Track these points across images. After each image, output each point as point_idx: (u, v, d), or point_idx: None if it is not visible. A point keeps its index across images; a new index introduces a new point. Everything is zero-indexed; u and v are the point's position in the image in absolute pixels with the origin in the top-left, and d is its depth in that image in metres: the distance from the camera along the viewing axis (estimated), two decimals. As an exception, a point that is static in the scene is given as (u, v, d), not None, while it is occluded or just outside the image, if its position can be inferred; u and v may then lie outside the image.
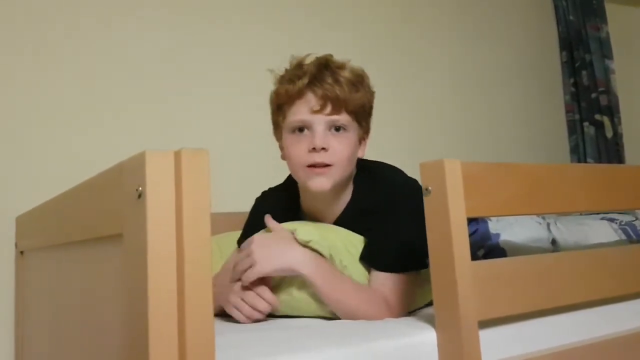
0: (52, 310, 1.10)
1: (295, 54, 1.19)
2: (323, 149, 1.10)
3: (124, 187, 0.67)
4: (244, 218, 1.33)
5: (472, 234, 1.26)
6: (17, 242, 1.49)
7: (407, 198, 1.13)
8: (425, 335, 0.85)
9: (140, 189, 0.62)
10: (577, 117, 2.77)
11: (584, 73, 2.75)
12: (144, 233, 0.61)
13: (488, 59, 2.60)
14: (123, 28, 1.77)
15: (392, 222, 1.11)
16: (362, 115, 1.18)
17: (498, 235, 1.34)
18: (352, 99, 1.13)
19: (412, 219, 1.04)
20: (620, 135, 2.73)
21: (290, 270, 1.05)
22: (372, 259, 1.11)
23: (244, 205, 1.39)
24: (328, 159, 1.11)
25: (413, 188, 1.14)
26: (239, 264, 1.07)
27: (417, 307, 1.17)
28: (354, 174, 1.21)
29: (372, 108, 1.21)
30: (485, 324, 0.86)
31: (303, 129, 1.13)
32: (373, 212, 1.13)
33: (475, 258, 0.85)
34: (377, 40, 2.28)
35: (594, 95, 2.72)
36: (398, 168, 1.25)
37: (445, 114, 2.41)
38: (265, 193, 1.36)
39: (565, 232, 1.35)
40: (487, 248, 1.33)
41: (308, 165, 1.12)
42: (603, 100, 2.71)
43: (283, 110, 1.16)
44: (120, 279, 0.69)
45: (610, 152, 2.70)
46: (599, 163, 2.67)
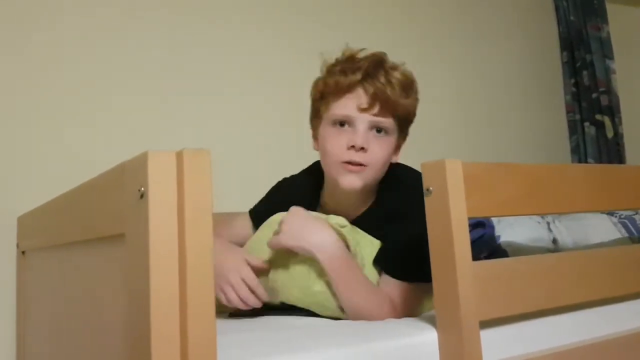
0: (53, 311, 1.10)
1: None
2: (362, 149, 1.09)
3: (126, 187, 0.67)
4: (242, 218, 1.33)
5: (478, 239, 1.26)
6: (18, 242, 1.49)
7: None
8: (426, 336, 0.85)
9: (142, 189, 0.62)
10: (577, 117, 2.77)
11: (585, 73, 2.75)
12: (146, 233, 0.61)
13: (488, 59, 2.60)
14: (123, 28, 1.77)
15: (410, 230, 1.06)
16: (405, 122, 1.17)
17: (499, 237, 1.34)
18: (400, 104, 1.12)
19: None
20: (621, 136, 2.73)
21: (310, 253, 1.05)
22: (386, 264, 1.10)
23: (246, 205, 1.40)
24: (365, 160, 1.10)
25: None
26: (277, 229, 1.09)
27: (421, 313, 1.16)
28: (381, 179, 1.19)
29: (415, 115, 1.19)
30: (486, 324, 0.86)
31: (344, 124, 1.12)
32: (393, 218, 1.11)
33: (477, 259, 0.85)
34: (377, 41, 2.27)
35: (595, 96, 2.72)
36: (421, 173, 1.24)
37: (446, 114, 2.41)
38: (287, 180, 1.35)
39: (564, 231, 1.35)
40: (489, 250, 1.33)
41: (343, 162, 1.10)
42: (604, 101, 2.70)
43: (327, 101, 1.14)
44: (122, 279, 0.69)
45: (611, 152, 2.70)
46: (600, 163, 2.66)
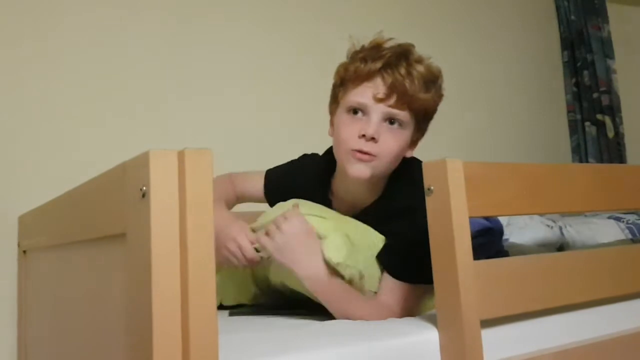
0: (54, 310, 1.10)
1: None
2: (373, 139, 1.08)
3: (128, 186, 0.67)
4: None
5: (485, 244, 1.24)
6: (19, 241, 1.49)
7: None
8: (428, 335, 0.85)
9: (144, 189, 0.62)
10: (578, 117, 2.77)
11: (586, 73, 2.75)
12: (148, 232, 0.61)
13: (489, 59, 2.59)
14: (124, 28, 1.77)
15: (416, 230, 1.03)
16: (423, 117, 1.15)
17: (506, 240, 1.33)
18: (418, 98, 1.09)
19: None
20: (622, 135, 2.73)
21: (297, 278, 1.04)
22: (389, 264, 1.09)
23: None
24: (375, 150, 1.08)
25: None
26: (271, 224, 1.07)
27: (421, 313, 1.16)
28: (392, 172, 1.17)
29: (435, 111, 1.17)
30: (488, 324, 0.86)
31: (358, 112, 1.10)
32: (400, 214, 1.10)
33: (477, 257, 0.85)
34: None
35: (596, 95, 2.72)
36: None
37: (447, 114, 2.39)
38: (308, 157, 1.35)
39: (575, 234, 1.35)
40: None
41: (353, 150, 1.09)
42: (604, 100, 2.70)
43: (346, 87, 1.13)
44: (124, 278, 0.69)
45: (612, 152, 2.69)
46: (601, 163, 2.66)
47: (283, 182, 1.27)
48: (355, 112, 1.10)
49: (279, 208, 1.15)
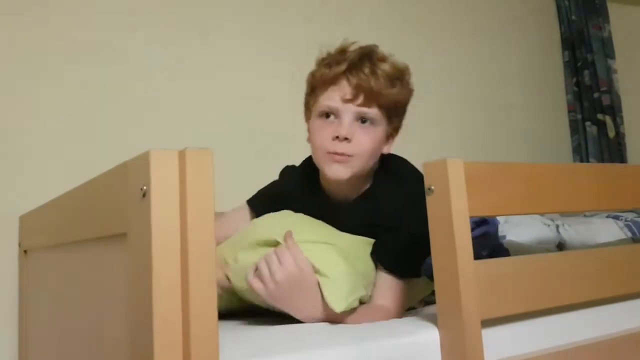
0: (55, 310, 1.11)
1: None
2: (346, 139, 1.09)
3: (129, 186, 0.67)
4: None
5: (481, 236, 1.25)
6: (20, 241, 1.49)
7: (421, 203, 1.12)
8: (428, 335, 0.85)
9: (145, 188, 0.62)
10: (579, 116, 2.77)
11: (586, 73, 2.75)
12: (149, 232, 0.61)
13: (490, 59, 2.59)
14: (125, 28, 1.77)
15: (406, 229, 1.07)
16: (393, 112, 1.16)
17: (503, 237, 1.34)
18: (386, 94, 1.11)
19: (424, 229, 1.05)
20: (623, 135, 2.73)
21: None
22: (384, 259, 1.10)
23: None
24: (350, 150, 1.10)
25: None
26: (263, 263, 0.99)
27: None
28: (377, 168, 1.19)
29: (406, 106, 1.19)
30: (488, 323, 0.86)
31: (330, 115, 1.12)
32: (387, 212, 1.11)
33: (478, 256, 0.85)
34: (377, 41, 2.28)
35: (596, 95, 2.72)
36: (415, 167, 1.24)
37: (447, 114, 2.41)
38: (289, 167, 1.35)
39: (573, 233, 1.35)
40: (491, 248, 1.33)
41: (329, 152, 1.11)
42: (605, 100, 2.70)
43: (316, 93, 1.15)
44: (125, 278, 0.69)
45: (613, 151, 2.69)
46: (602, 163, 2.66)
47: (270, 195, 1.26)
48: (327, 116, 1.13)
49: (269, 220, 1.15)
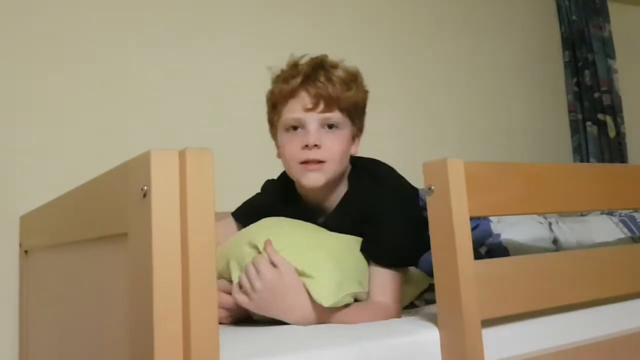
0: (56, 310, 1.11)
1: (294, 54, 1.20)
2: (316, 146, 1.12)
3: (129, 186, 0.67)
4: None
5: (472, 230, 1.26)
6: (21, 241, 1.49)
7: (403, 196, 1.16)
8: (428, 334, 0.86)
9: (145, 188, 0.63)
10: (579, 116, 2.76)
11: (587, 72, 2.75)
12: (149, 232, 0.61)
13: (490, 59, 2.59)
14: (125, 28, 1.77)
15: (390, 219, 1.11)
16: (355, 113, 1.20)
17: (499, 235, 1.34)
18: (344, 97, 1.15)
19: (409, 217, 1.10)
20: (623, 135, 2.73)
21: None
22: (374, 254, 1.11)
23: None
24: (321, 156, 1.13)
25: (405, 185, 1.21)
26: (244, 276, 1.02)
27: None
28: (349, 170, 1.22)
29: (365, 106, 1.22)
30: (488, 323, 0.86)
31: (297, 127, 1.15)
32: (370, 209, 1.13)
33: (478, 256, 0.85)
34: (377, 41, 2.28)
35: (597, 95, 2.72)
36: (388, 165, 1.26)
37: (448, 114, 2.41)
38: (269, 181, 1.38)
39: (567, 231, 1.35)
40: (488, 246, 1.33)
41: (301, 162, 1.13)
42: (606, 100, 2.70)
43: (278, 110, 1.19)
44: (125, 278, 0.69)
45: (613, 151, 2.69)
46: (602, 163, 2.66)
47: (253, 207, 1.31)
48: (294, 128, 1.16)
49: (251, 230, 1.16)
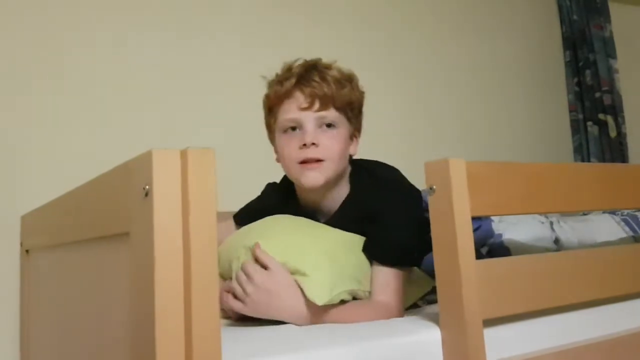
0: (57, 310, 1.11)
1: (291, 58, 1.21)
2: (313, 144, 1.12)
3: (131, 185, 0.67)
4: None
5: (474, 231, 1.26)
6: (22, 240, 1.49)
7: (406, 196, 1.16)
8: (430, 334, 0.85)
9: (147, 188, 0.63)
10: (580, 116, 2.76)
11: (588, 72, 2.74)
12: (151, 231, 0.61)
13: (491, 59, 2.59)
14: (126, 28, 1.77)
15: (394, 218, 1.11)
16: (351, 113, 1.20)
17: (501, 235, 1.34)
18: (339, 95, 1.15)
19: (412, 216, 1.09)
20: (624, 135, 2.73)
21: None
22: (376, 253, 1.11)
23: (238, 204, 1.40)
24: (319, 154, 1.13)
25: (409, 186, 1.21)
26: (236, 283, 1.04)
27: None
28: (350, 172, 1.22)
29: (361, 107, 1.23)
30: (490, 323, 0.86)
31: (295, 128, 1.15)
32: (373, 209, 1.13)
33: (479, 256, 0.85)
34: (377, 41, 2.28)
35: (598, 95, 2.72)
36: (393, 166, 1.26)
37: (448, 114, 2.41)
38: (271, 184, 1.39)
39: (569, 230, 1.35)
40: (490, 246, 1.33)
41: (300, 162, 1.13)
42: (607, 100, 2.70)
43: (274, 112, 1.19)
44: (127, 278, 0.69)
45: (614, 151, 2.69)
46: (603, 163, 2.66)
47: (253, 209, 1.32)
48: (292, 129, 1.16)
49: (249, 229, 1.17)
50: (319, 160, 1.13)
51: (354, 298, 1.06)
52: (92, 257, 0.88)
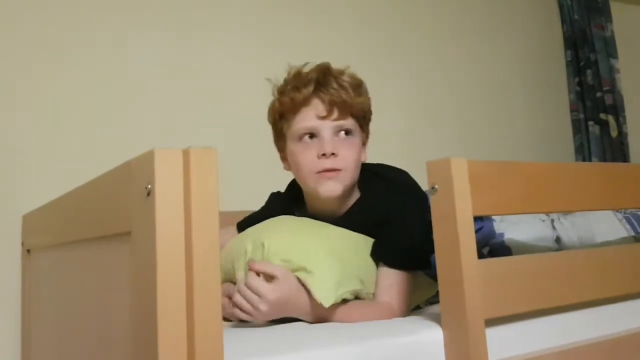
0: (59, 309, 1.10)
1: (294, 62, 1.20)
2: (333, 154, 1.11)
3: (133, 185, 0.67)
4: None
5: (476, 231, 1.26)
6: (23, 240, 1.49)
7: (418, 200, 1.15)
8: (432, 334, 0.85)
9: (149, 187, 0.62)
10: (581, 116, 2.76)
11: (589, 72, 2.74)
12: (153, 231, 0.61)
13: (492, 59, 2.59)
14: (126, 28, 1.77)
15: (404, 222, 1.10)
16: (363, 120, 1.20)
17: (502, 235, 1.34)
18: (356, 103, 1.15)
19: (423, 220, 1.06)
20: (625, 135, 2.73)
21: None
22: (385, 255, 1.10)
23: (251, 204, 1.40)
24: (338, 164, 1.12)
25: (420, 190, 1.20)
26: (240, 297, 1.00)
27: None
28: (360, 177, 1.21)
29: (371, 113, 1.22)
30: (492, 322, 0.86)
31: (311, 136, 1.14)
32: (387, 213, 1.12)
33: (481, 256, 0.85)
34: (377, 41, 2.28)
35: (599, 95, 2.72)
36: (401, 169, 1.26)
37: (450, 113, 2.41)
38: (274, 194, 1.38)
39: (569, 227, 1.35)
40: (491, 246, 1.33)
41: (318, 172, 1.12)
42: (608, 100, 2.70)
43: (287, 119, 1.17)
44: (129, 277, 0.69)
45: (615, 151, 2.69)
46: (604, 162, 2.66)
47: (260, 219, 1.26)
48: (311, 136, 1.14)
49: (256, 229, 1.16)
50: (337, 170, 1.12)
51: (356, 298, 1.06)
52: (93, 256, 0.88)
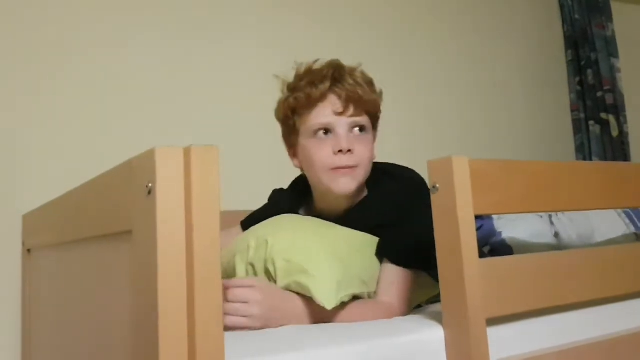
0: (59, 309, 1.10)
1: (293, 62, 1.19)
2: (349, 151, 1.11)
3: (134, 183, 0.67)
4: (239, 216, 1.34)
5: (477, 230, 1.26)
6: (24, 240, 1.49)
7: (425, 198, 1.13)
8: (433, 333, 0.85)
9: (150, 186, 0.62)
10: (582, 115, 2.76)
11: (590, 72, 2.74)
12: (154, 230, 0.61)
13: (492, 58, 2.59)
14: (125, 28, 1.77)
15: (411, 220, 1.09)
16: (375, 117, 1.20)
17: (501, 234, 1.34)
18: (371, 100, 1.15)
19: (430, 220, 1.05)
20: (626, 134, 2.73)
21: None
22: (390, 252, 1.10)
23: (253, 203, 1.40)
24: (353, 161, 1.12)
25: (428, 189, 1.17)
26: (232, 295, 0.96)
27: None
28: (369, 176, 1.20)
29: (381, 111, 1.22)
30: (493, 322, 0.85)
31: (326, 132, 1.13)
32: (396, 212, 1.12)
33: (481, 255, 0.85)
34: (377, 41, 2.28)
35: (600, 94, 2.72)
36: (409, 168, 1.25)
37: (448, 114, 2.41)
38: (277, 191, 1.37)
39: (567, 222, 1.35)
40: (492, 245, 1.33)
41: (332, 168, 1.12)
42: (609, 99, 2.70)
43: (301, 115, 1.16)
44: (130, 276, 0.69)
45: (616, 151, 2.69)
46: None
47: (265, 217, 1.24)
48: (324, 132, 1.14)
49: (259, 227, 1.15)
50: (352, 167, 1.12)
51: (358, 298, 1.05)
52: (94, 255, 0.88)
